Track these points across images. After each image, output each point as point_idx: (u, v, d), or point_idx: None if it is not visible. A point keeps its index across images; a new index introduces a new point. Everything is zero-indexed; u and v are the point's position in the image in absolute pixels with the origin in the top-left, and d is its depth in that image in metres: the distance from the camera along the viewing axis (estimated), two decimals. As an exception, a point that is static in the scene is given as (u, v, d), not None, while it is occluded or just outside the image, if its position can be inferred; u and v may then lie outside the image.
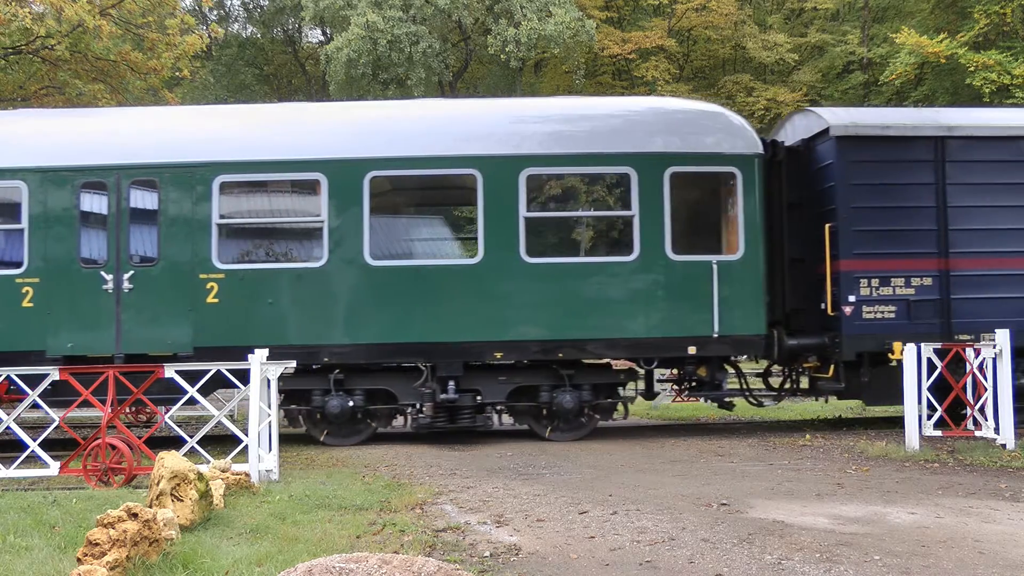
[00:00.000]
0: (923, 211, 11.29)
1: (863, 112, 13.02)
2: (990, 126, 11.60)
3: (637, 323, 10.74)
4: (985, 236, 11.33)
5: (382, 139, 10.92)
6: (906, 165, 11.34)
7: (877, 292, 11.10)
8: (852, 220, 11.16)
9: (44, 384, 8.63)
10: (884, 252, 11.17)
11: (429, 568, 3.66)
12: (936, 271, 11.20)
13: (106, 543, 4.79)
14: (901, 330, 11.00)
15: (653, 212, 10.81)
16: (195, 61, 24.35)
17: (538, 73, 35.98)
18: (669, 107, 11.88)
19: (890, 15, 32.67)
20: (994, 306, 11.15)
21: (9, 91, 19.26)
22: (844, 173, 11.22)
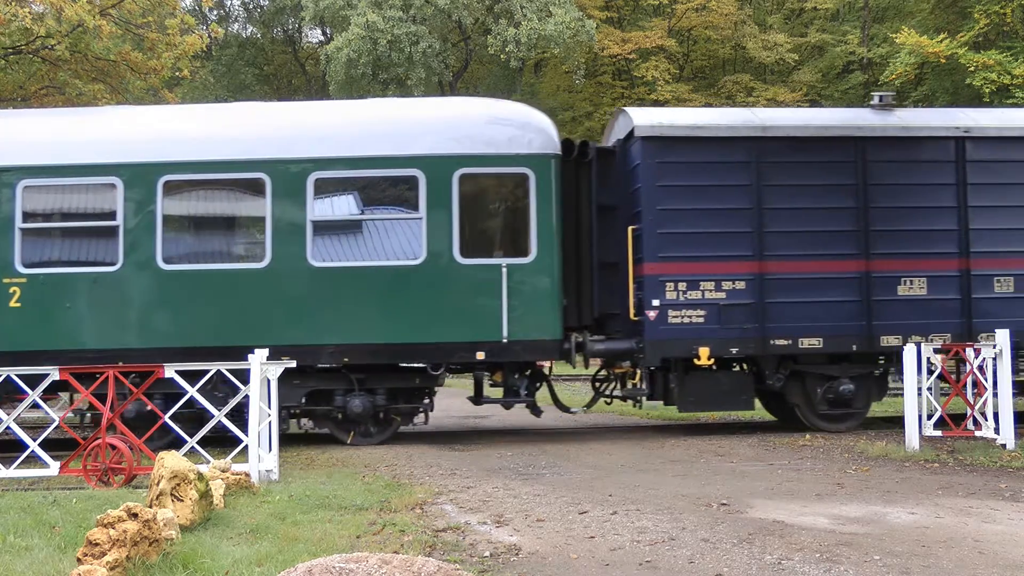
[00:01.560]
0: (738, 213, 11.02)
1: (675, 112, 12.70)
2: (808, 126, 11.41)
3: (426, 327, 10.52)
4: (800, 238, 11.10)
5: (175, 143, 10.82)
6: (721, 166, 11.07)
7: (685, 296, 10.84)
8: (658, 222, 10.88)
9: (44, 384, 8.63)
10: (693, 255, 10.89)
11: (429, 568, 3.66)
12: (751, 274, 10.97)
13: (106, 543, 4.79)
14: (710, 335, 10.82)
15: (441, 215, 10.60)
16: (195, 61, 24.37)
17: (538, 73, 36.00)
18: (461, 108, 11.77)
19: (890, 15, 32.67)
20: (811, 310, 10.97)
21: (9, 91, 19.27)
22: (650, 174, 10.93)
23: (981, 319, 11.16)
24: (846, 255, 11.13)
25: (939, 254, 11.23)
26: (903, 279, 11.17)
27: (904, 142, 11.45)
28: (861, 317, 11.07)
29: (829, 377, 11.25)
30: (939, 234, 11.28)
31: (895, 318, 11.10)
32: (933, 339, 10.97)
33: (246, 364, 8.52)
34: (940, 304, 11.18)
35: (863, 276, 11.11)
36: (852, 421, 11.47)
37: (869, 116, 11.69)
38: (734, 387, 11.28)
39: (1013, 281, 11.26)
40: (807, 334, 10.94)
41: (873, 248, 11.16)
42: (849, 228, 11.17)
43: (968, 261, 11.23)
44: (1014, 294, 11.26)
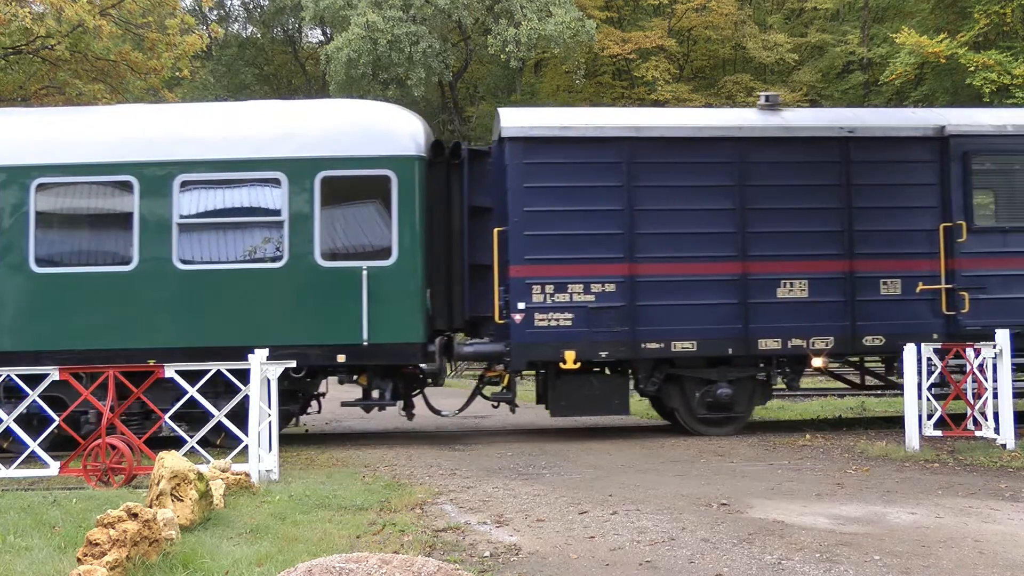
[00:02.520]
0: (609, 215, 10.87)
1: (545, 113, 12.49)
2: (682, 127, 11.25)
3: (287, 331, 10.46)
4: (674, 240, 10.94)
5: (48, 146, 10.82)
6: (592, 167, 10.91)
7: (552, 299, 10.69)
8: (525, 224, 10.73)
9: (44, 384, 8.63)
10: (561, 257, 10.74)
11: (429, 568, 3.66)
12: (621, 277, 10.81)
13: (106, 543, 4.79)
14: (578, 339, 10.67)
15: (303, 218, 10.58)
16: (195, 61, 24.37)
17: (538, 73, 35.99)
18: (325, 110, 11.74)
19: (890, 15, 32.66)
20: (685, 313, 10.83)
21: (9, 91, 19.27)
22: (517, 175, 10.80)
23: (866, 321, 11.03)
24: (723, 257, 10.96)
25: (822, 256, 11.06)
26: (783, 281, 10.99)
27: (786, 143, 11.28)
28: (737, 320, 10.90)
29: (707, 381, 11.11)
30: (822, 235, 11.11)
31: (774, 321, 10.93)
32: (814, 343, 10.90)
33: (246, 364, 8.52)
34: (823, 307, 11.00)
35: (740, 278, 10.94)
36: (732, 426, 11.31)
37: (753, 116, 11.55)
38: (607, 391, 11.14)
39: (901, 283, 11.11)
40: (680, 337, 10.78)
41: (751, 250, 10.99)
42: (726, 230, 11.01)
43: (853, 263, 11.09)
44: (901, 296, 11.10)
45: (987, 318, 11.02)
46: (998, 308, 11.08)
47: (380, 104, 12.56)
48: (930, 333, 11.02)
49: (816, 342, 10.96)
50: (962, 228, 11.12)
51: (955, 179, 11.24)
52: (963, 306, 11.03)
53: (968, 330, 11.01)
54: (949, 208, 11.21)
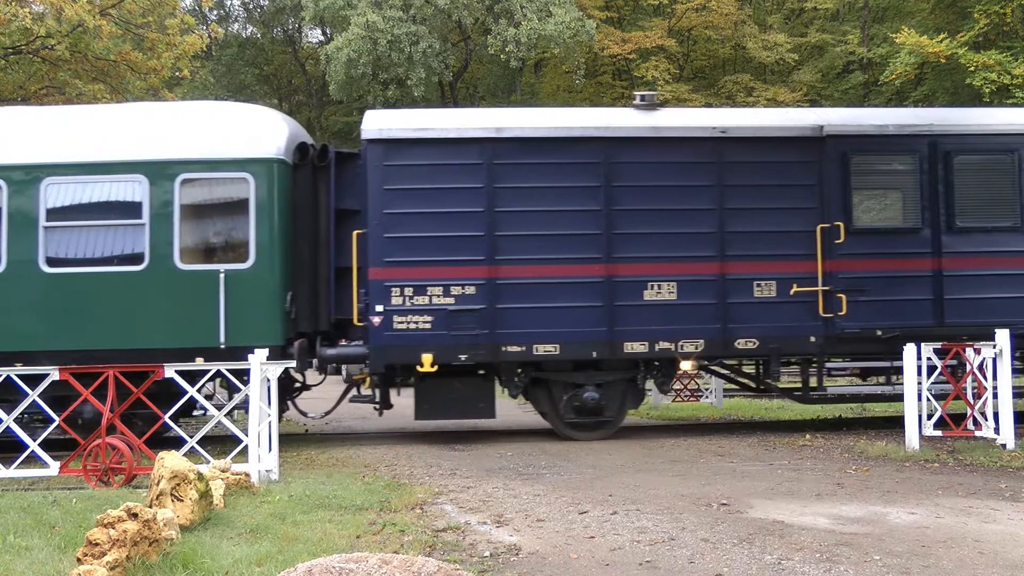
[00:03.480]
0: (470, 216, 10.76)
1: (406, 114, 12.32)
2: (545, 127, 11.10)
3: (148, 333, 10.42)
4: (536, 242, 10.79)
5: None
6: (453, 169, 10.81)
7: (411, 302, 10.61)
8: (384, 226, 10.66)
9: (44, 384, 8.63)
10: (421, 260, 10.67)
11: (429, 568, 3.66)
12: (482, 279, 10.70)
13: (106, 543, 4.79)
14: (437, 341, 10.58)
15: (163, 221, 10.56)
16: (195, 61, 24.34)
17: (538, 73, 36.00)
18: (187, 112, 11.68)
19: (890, 15, 32.67)
20: (547, 315, 10.70)
21: (9, 91, 19.26)
22: (377, 178, 10.72)
23: (738, 324, 10.89)
24: (587, 259, 10.81)
25: (692, 257, 10.90)
26: (650, 283, 10.85)
27: (656, 143, 11.09)
28: (602, 323, 10.76)
29: (575, 385, 11.00)
30: (692, 237, 10.94)
31: (641, 324, 10.79)
32: (683, 346, 10.78)
33: (246, 364, 8.53)
34: (692, 309, 10.86)
35: (605, 280, 10.79)
36: (604, 430, 11.15)
37: (626, 116, 11.41)
38: (472, 395, 11.04)
39: (776, 285, 10.96)
40: (542, 340, 10.66)
41: (617, 252, 10.84)
42: (591, 231, 10.84)
43: (725, 264, 10.94)
44: (776, 299, 10.95)
45: (866, 320, 10.91)
46: (878, 310, 10.96)
47: (243, 106, 12.50)
48: (807, 336, 10.91)
49: (685, 345, 10.81)
50: (840, 229, 10.96)
51: (834, 180, 11.07)
52: (840, 308, 10.86)
53: (846, 333, 10.88)
54: (827, 209, 11.05)
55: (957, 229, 11.22)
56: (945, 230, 11.21)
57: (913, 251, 11.17)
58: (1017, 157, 11.37)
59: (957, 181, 11.31)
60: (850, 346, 11.17)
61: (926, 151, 11.32)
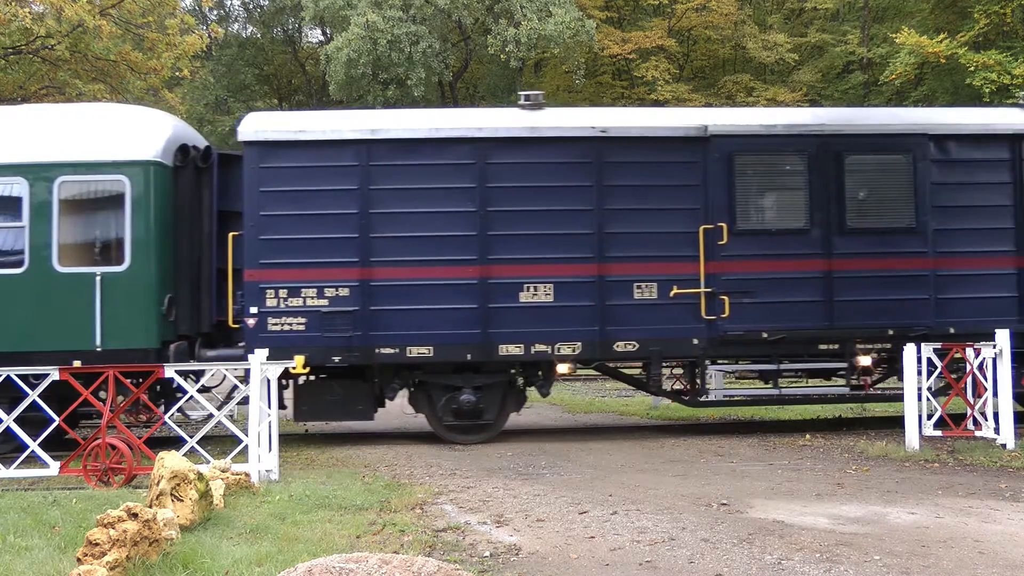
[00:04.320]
0: (344, 218, 10.69)
1: (283, 116, 12.04)
2: (417, 128, 11.02)
3: (30, 336, 10.39)
4: (409, 244, 10.72)
5: None
6: (328, 170, 10.75)
7: (286, 303, 10.53)
8: (260, 228, 10.58)
9: (44, 384, 8.63)
10: (295, 262, 10.59)
11: (429, 568, 3.66)
12: (355, 281, 10.63)
13: (106, 543, 4.79)
14: (310, 343, 10.50)
15: (42, 223, 10.49)
16: (195, 61, 24.34)
17: (538, 73, 35.98)
18: (66, 114, 11.62)
19: (890, 15, 32.66)
20: (420, 317, 10.63)
21: (9, 91, 19.27)
22: (253, 179, 10.66)
23: (617, 327, 10.76)
24: (461, 261, 10.72)
25: (569, 259, 10.77)
26: (526, 285, 10.75)
27: (535, 143, 10.95)
28: (476, 325, 10.66)
29: (453, 387, 10.92)
30: (570, 238, 10.81)
31: (516, 326, 10.68)
32: (560, 348, 10.67)
33: (246, 364, 8.53)
34: (569, 311, 10.73)
35: (480, 283, 10.70)
36: (484, 434, 11.05)
37: (500, 117, 11.33)
38: (351, 397, 10.93)
39: (657, 287, 10.83)
40: (416, 343, 10.59)
41: (492, 253, 10.73)
42: (465, 233, 10.75)
43: (604, 266, 10.79)
44: (657, 300, 10.82)
45: (751, 323, 10.82)
46: (763, 312, 10.85)
47: (124, 108, 12.45)
48: (689, 338, 10.81)
49: (562, 348, 10.70)
50: (723, 230, 10.86)
51: (718, 180, 10.95)
52: (723, 310, 10.77)
53: (730, 335, 10.78)
54: (711, 210, 10.93)
55: (849, 230, 11.08)
56: (836, 231, 11.06)
57: (802, 252, 11.02)
58: (912, 157, 11.22)
59: (849, 182, 11.17)
60: (735, 348, 11.05)
61: (816, 151, 11.18)
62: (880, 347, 11.17)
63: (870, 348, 11.16)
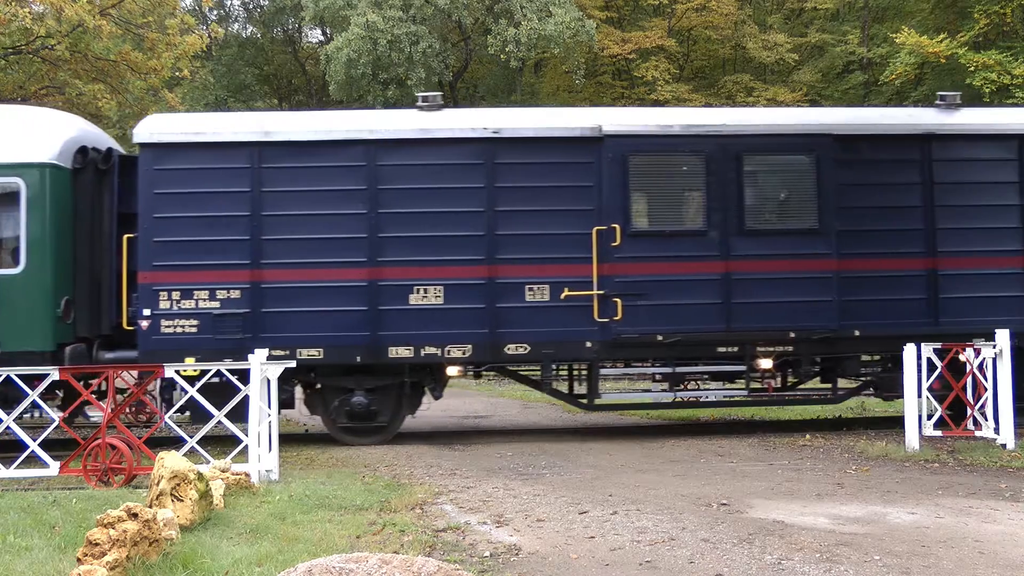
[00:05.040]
0: (236, 220, 10.67)
1: (179, 118, 12.00)
2: (308, 129, 11.00)
3: None
4: (299, 246, 10.69)
5: None
6: (221, 173, 10.73)
7: (179, 305, 10.52)
8: (153, 230, 10.56)
9: (44, 384, 8.63)
10: (188, 264, 10.57)
11: (429, 568, 3.66)
12: (246, 283, 10.59)
13: (106, 543, 4.79)
14: (203, 345, 10.45)
15: None
16: (195, 61, 24.34)
17: (538, 73, 35.98)
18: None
19: (890, 15, 32.65)
20: (310, 320, 10.57)
21: (9, 91, 19.26)
22: (147, 181, 10.63)
23: (509, 329, 10.70)
24: (351, 263, 10.68)
25: (460, 261, 10.72)
26: (416, 287, 10.70)
27: (426, 144, 10.93)
28: (366, 327, 10.61)
29: (347, 389, 10.88)
30: (461, 240, 10.76)
31: (406, 328, 10.64)
32: (450, 351, 10.62)
33: (246, 364, 8.54)
34: (460, 313, 10.68)
35: (370, 284, 10.66)
36: (379, 436, 11.01)
37: (392, 119, 11.29)
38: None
39: (549, 289, 10.74)
40: (306, 344, 10.53)
41: (381, 255, 10.69)
42: (355, 235, 10.73)
43: (495, 268, 10.74)
44: (549, 303, 10.73)
45: (645, 325, 10.72)
46: (658, 315, 10.75)
47: (21, 109, 12.43)
48: (582, 341, 10.71)
49: (452, 350, 10.65)
50: (616, 232, 10.77)
51: (613, 181, 10.85)
52: (616, 313, 10.68)
53: (623, 338, 10.69)
54: (605, 211, 10.82)
55: (748, 231, 10.98)
56: (735, 232, 10.95)
57: (699, 254, 10.93)
58: (816, 158, 11.11)
59: (748, 183, 11.09)
60: (630, 351, 10.97)
61: (715, 152, 11.06)
62: (781, 350, 11.03)
63: (771, 351, 11.01)
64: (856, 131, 11.36)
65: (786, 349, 11.04)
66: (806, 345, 10.84)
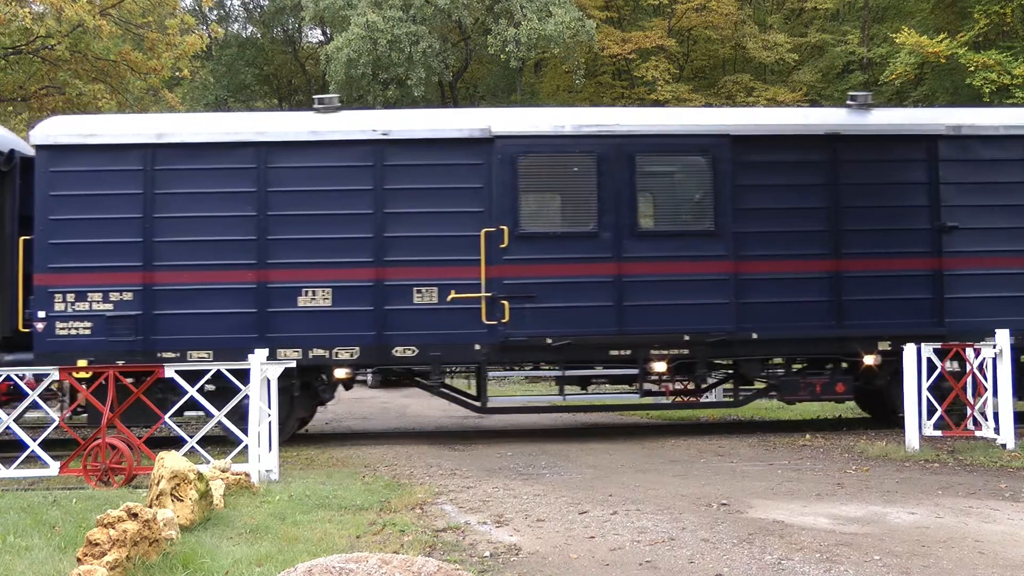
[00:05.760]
0: (128, 223, 10.66)
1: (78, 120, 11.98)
2: (199, 131, 10.98)
3: None
4: (190, 247, 10.69)
5: None
6: (115, 175, 10.72)
7: (73, 308, 10.51)
8: (49, 232, 10.54)
9: (44, 384, 8.63)
10: (83, 266, 10.55)
11: (429, 568, 3.66)
12: (138, 285, 10.58)
13: (106, 543, 4.78)
14: (95, 347, 10.44)
15: None
16: (195, 61, 24.35)
17: (538, 73, 35.99)
18: None
19: (890, 15, 32.64)
20: (200, 322, 10.53)
21: (9, 91, 19.27)
22: (43, 184, 10.63)
23: (396, 332, 10.67)
24: (240, 265, 10.68)
25: (348, 263, 10.70)
26: (304, 290, 10.68)
27: (317, 147, 10.92)
28: (255, 329, 10.61)
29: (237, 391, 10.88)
30: (349, 242, 10.76)
31: (295, 331, 10.63)
32: (338, 353, 10.58)
33: (246, 364, 8.53)
34: (347, 316, 10.66)
35: (259, 287, 10.66)
36: None
37: (282, 121, 11.28)
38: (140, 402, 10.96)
39: (437, 291, 10.71)
40: (196, 347, 10.53)
41: (270, 258, 10.69)
42: (245, 237, 10.72)
43: (383, 270, 10.71)
44: (437, 305, 10.70)
45: (533, 328, 10.68)
46: (547, 317, 10.70)
47: None
48: (471, 344, 10.65)
49: (340, 353, 10.62)
50: (504, 233, 10.73)
51: (502, 183, 10.80)
52: (504, 315, 10.65)
53: (512, 341, 10.62)
54: (494, 213, 10.77)
55: (641, 233, 10.90)
56: (627, 234, 10.87)
57: (591, 256, 10.85)
58: (711, 159, 11.00)
59: (641, 184, 10.98)
60: (519, 354, 10.86)
61: (608, 153, 10.93)
62: (676, 353, 10.91)
63: (665, 354, 10.90)
64: (755, 132, 11.23)
65: (681, 352, 10.90)
66: (702, 348, 10.74)
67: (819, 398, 11.46)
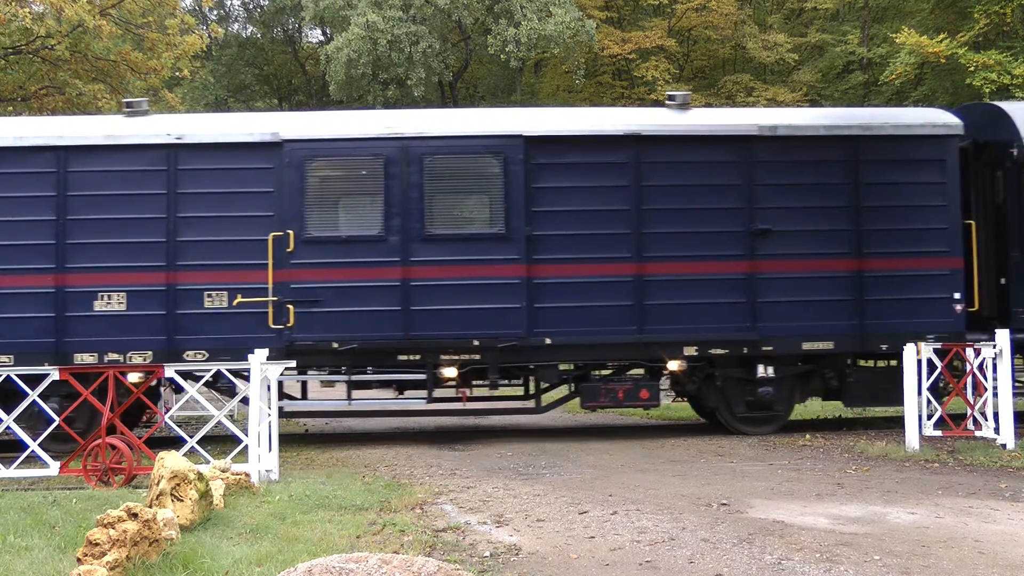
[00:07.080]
0: None
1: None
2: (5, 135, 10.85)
3: None
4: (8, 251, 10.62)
5: None
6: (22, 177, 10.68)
7: None
8: None
9: (44, 384, 8.63)
10: None
11: (429, 568, 3.66)
12: None
13: (106, 543, 4.79)
14: None
15: None
16: (195, 61, 24.32)
17: (538, 73, 35.99)
18: None
19: (890, 15, 32.64)
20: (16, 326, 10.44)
21: (9, 91, 19.27)
22: None
23: (187, 336, 10.60)
24: (37, 269, 10.61)
25: (141, 268, 10.65)
26: (100, 294, 10.62)
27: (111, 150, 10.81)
28: (52, 334, 10.53)
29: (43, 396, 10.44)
30: (142, 246, 10.69)
31: (91, 335, 10.55)
32: (132, 358, 10.53)
33: (246, 364, 8.54)
34: (141, 320, 10.62)
35: (57, 292, 10.58)
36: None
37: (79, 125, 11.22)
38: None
39: (227, 296, 10.65)
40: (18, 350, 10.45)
41: (69, 262, 10.65)
42: (42, 241, 10.65)
43: (175, 275, 10.65)
44: (227, 309, 10.64)
45: (319, 332, 10.62)
46: (333, 321, 10.63)
47: None
48: (250, 348, 10.13)
49: (134, 357, 10.57)
50: (290, 238, 10.67)
51: (290, 187, 10.76)
52: (289, 319, 10.61)
53: (298, 345, 10.54)
54: (282, 217, 10.72)
55: (428, 237, 10.81)
56: (415, 238, 10.79)
57: (377, 260, 10.77)
58: (504, 161, 10.87)
59: (429, 187, 10.87)
60: (306, 359, 10.70)
61: (396, 156, 10.90)
62: (467, 358, 10.81)
63: (455, 360, 10.80)
64: (551, 133, 11.06)
65: (472, 357, 10.79)
66: (492, 354, 10.63)
67: (622, 405, 11.28)
